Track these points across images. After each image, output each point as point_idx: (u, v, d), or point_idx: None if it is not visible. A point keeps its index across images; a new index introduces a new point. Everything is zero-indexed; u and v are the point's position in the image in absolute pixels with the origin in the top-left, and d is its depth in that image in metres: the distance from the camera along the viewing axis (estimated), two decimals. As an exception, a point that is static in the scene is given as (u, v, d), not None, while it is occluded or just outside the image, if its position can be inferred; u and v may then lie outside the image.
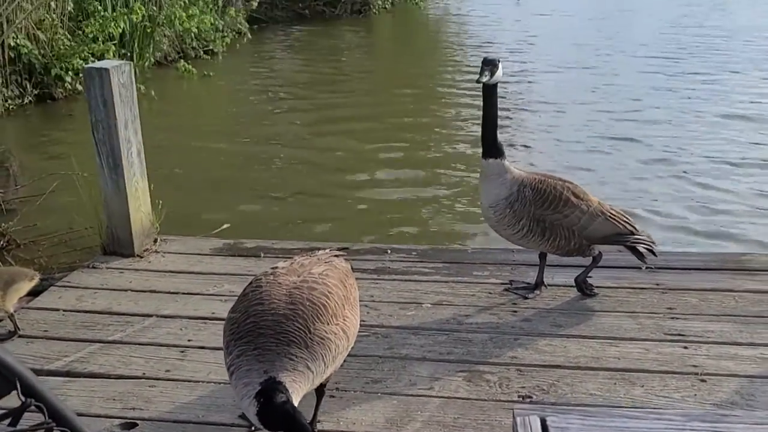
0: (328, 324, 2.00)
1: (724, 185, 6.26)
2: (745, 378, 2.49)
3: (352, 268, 2.40)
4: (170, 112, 9.46)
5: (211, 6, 13.84)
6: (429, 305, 3.13)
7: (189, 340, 2.86)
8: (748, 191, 6.12)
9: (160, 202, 3.95)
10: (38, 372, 2.64)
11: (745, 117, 8.64)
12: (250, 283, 2.15)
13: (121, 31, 9.77)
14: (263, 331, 1.92)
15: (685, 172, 6.58)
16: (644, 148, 7.35)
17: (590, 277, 3.17)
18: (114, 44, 9.61)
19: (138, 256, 3.67)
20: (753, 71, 11.80)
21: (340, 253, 2.42)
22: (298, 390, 1.87)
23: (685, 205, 5.84)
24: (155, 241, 3.83)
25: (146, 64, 10.97)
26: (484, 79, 2.85)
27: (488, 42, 18.09)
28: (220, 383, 2.53)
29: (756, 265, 3.43)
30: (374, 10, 25.58)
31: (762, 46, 14.58)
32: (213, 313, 3.07)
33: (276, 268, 2.19)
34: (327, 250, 2.42)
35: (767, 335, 2.77)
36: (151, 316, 3.07)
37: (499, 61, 2.88)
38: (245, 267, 3.57)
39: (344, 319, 2.09)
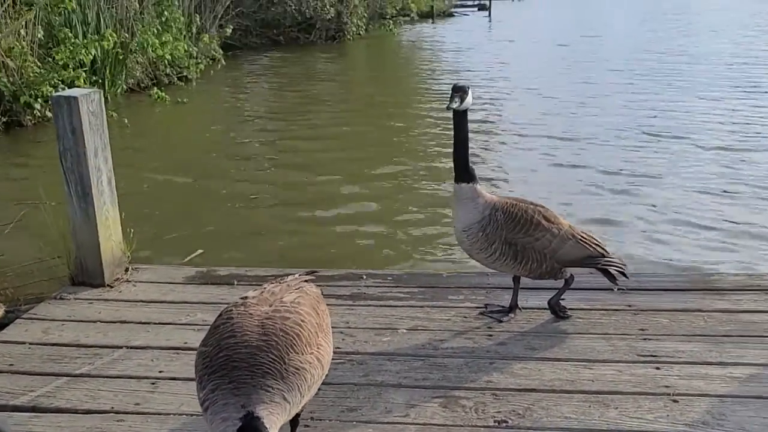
0: (302, 354, 1.98)
1: (688, 207, 6.39)
2: (715, 398, 2.51)
3: (323, 293, 2.38)
4: (143, 140, 9.40)
5: (184, 33, 13.87)
6: (404, 330, 3.12)
7: (160, 372, 2.80)
8: (712, 213, 6.25)
9: (132, 230, 3.90)
10: (3, 408, 2.57)
11: (708, 141, 8.86)
12: (220, 314, 2.12)
13: (92, 57, 9.72)
14: (237, 363, 1.89)
15: (653, 204, 6.65)
16: (609, 172, 7.47)
17: (563, 299, 3.19)
18: (85, 71, 9.55)
19: (108, 286, 3.60)
20: (722, 96, 12.14)
21: (309, 277, 2.40)
22: (275, 422, 1.84)
23: (653, 227, 5.94)
24: (126, 270, 3.77)
25: (118, 90, 10.91)
26: (454, 106, 2.89)
27: (460, 68, 18.38)
28: (192, 415, 2.48)
29: (724, 285, 3.49)
30: (348, 37, 25.89)
31: (721, 70, 15.05)
32: (185, 342, 3.02)
33: (246, 298, 2.16)
34: (296, 276, 2.40)
35: (736, 354, 2.80)
36: (120, 347, 3.01)
37: (468, 88, 2.93)
38: (218, 295, 3.53)
39: (318, 348, 2.06)
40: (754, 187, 6.86)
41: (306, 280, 2.35)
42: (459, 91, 2.89)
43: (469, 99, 2.92)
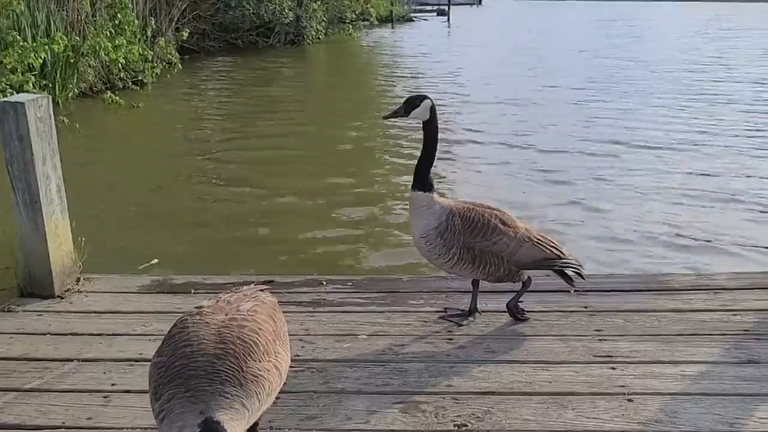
0: (260, 361, 1.96)
1: (641, 210, 6.56)
2: (668, 396, 2.57)
3: (282, 300, 2.36)
4: (96, 145, 9.18)
5: (139, 36, 13.60)
6: (365, 336, 3.11)
7: (113, 385, 2.73)
8: (664, 215, 6.43)
9: (83, 239, 3.79)
10: (-55, 427, 2.46)
11: (656, 146, 9.11)
12: (175, 324, 2.07)
13: (41, 61, 9.43)
14: (194, 372, 1.85)
15: (607, 209, 6.79)
16: (565, 178, 7.62)
17: (521, 302, 3.23)
18: (34, 75, 9.27)
19: (59, 297, 3.49)
20: (673, 103, 12.50)
21: (266, 287, 2.37)
22: (236, 429, 1.81)
23: (607, 230, 6.08)
24: (78, 280, 3.66)
25: (70, 95, 10.63)
26: (386, 114, 3.00)
27: (418, 73, 18.50)
28: (147, 429, 2.42)
29: (676, 285, 3.58)
30: (307, 41, 25.81)
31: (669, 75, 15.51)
32: (140, 354, 2.94)
33: (201, 307, 2.12)
34: (252, 285, 2.37)
35: (687, 353, 2.88)
36: (72, 360, 2.91)
37: (422, 99, 2.95)
38: (175, 304, 3.45)
39: (276, 356, 2.04)
40: (704, 191, 7.09)
41: (262, 290, 2.32)
42: (407, 102, 2.95)
43: (419, 110, 2.95)
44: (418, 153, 3.07)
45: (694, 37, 28.01)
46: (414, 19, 49.24)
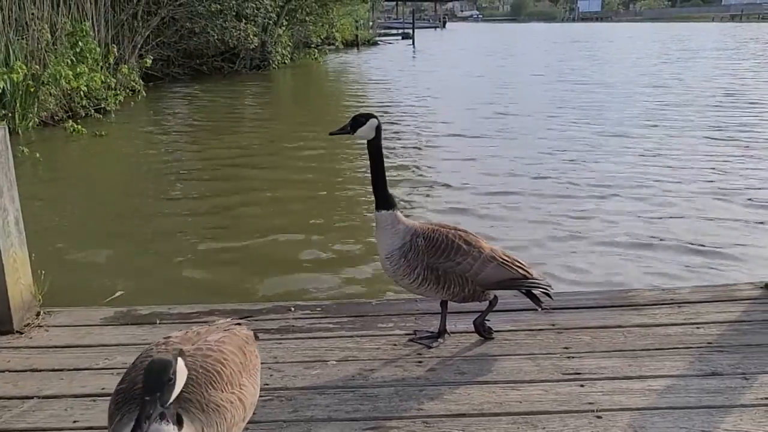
0: (222, 392, 1.92)
1: (606, 227, 6.68)
2: (636, 411, 2.59)
3: (256, 334, 2.33)
4: (57, 175, 9.01)
5: (101, 63, 13.47)
6: (334, 362, 3.08)
7: (75, 422, 2.64)
8: (628, 231, 6.55)
9: (43, 272, 3.70)
10: None
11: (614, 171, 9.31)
12: (141, 354, 2.04)
13: (0, 90, 9.27)
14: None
15: (577, 230, 6.93)
16: (531, 202, 7.71)
17: (488, 320, 3.24)
18: (-7, 105, 9.10)
19: (18, 332, 3.39)
20: (636, 124, 12.80)
21: (242, 321, 2.34)
22: None
23: (572, 248, 6.16)
24: (38, 314, 3.56)
25: (30, 124, 10.44)
26: (334, 130, 3.02)
27: (383, 97, 18.67)
28: (110, 466, 2.34)
29: (641, 301, 3.64)
30: (273, 65, 25.86)
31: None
32: (103, 388, 2.86)
33: (169, 337, 2.09)
34: (228, 319, 2.34)
35: (654, 367, 2.91)
36: (31, 398, 2.82)
37: (368, 117, 2.97)
38: (140, 336, 3.38)
39: (241, 387, 2.01)
40: (664, 207, 7.25)
41: (239, 323, 2.29)
42: (353, 120, 2.97)
43: (365, 128, 2.96)
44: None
45: (649, 58, 28.89)
46: (379, 42, 49.82)
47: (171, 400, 1.68)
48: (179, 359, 1.73)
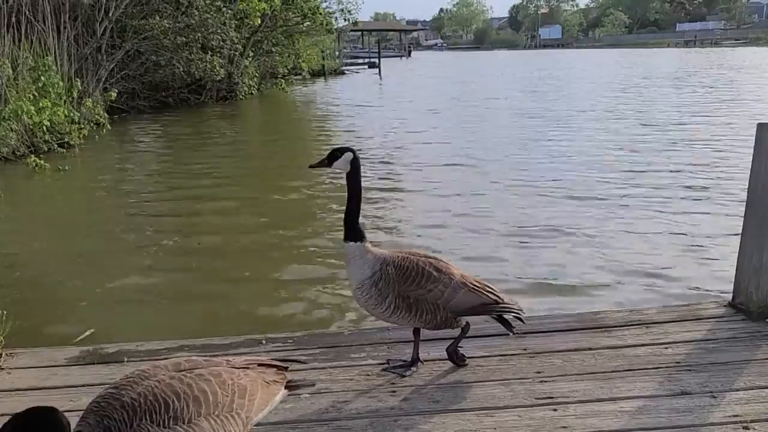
0: (159, 425, 1.91)
1: (573, 251, 6.77)
2: (609, 433, 2.62)
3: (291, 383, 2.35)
4: (19, 212, 8.81)
5: (65, 98, 13.32)
6: (307, 395, 3.04)
7: (39, 468, 2.55)
8: (595, 254, 6.65)
9: (5, 312, 3.60)
10: None
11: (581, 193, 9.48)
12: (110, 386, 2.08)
13: (-40, 127, 9.09)
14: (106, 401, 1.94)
15: (549, 257, 7.00)
16: (501, 229, 7.78)
17: (461, 347, 3.24)
18: (-48, 142, 8.90)
19: (-22, 376, 3.27)
20: (603, 151, 13.07)
21: (277, 363, 2.33)
22: None
23: (542, 271, 6.22)
24: (-1, 356, 3.45)
25: (-10, 161, 10.22)
26: (313, 164, 3.07)
27: (351, 125, 18.78)
28: None
29: (610, 322, 3.69)
30: (240, 96, 25.86)
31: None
32: None
33: (158, 367, 2.10)
34: (249, 358, 2.36)
35: (625, 389, 2.94)
36: (-7, 444, 2.71)
37: (343, 151, 3.01)
38: (107, 375, 3.29)
39: (190, 425, 1.95)
40: (629, 233, 7.38)
41: (269, 365, 2.28)
42: (330, 154, 3.02)
43: (341, 162, 3.00)
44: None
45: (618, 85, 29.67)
46: (346, 72, 50.24)
47: None
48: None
